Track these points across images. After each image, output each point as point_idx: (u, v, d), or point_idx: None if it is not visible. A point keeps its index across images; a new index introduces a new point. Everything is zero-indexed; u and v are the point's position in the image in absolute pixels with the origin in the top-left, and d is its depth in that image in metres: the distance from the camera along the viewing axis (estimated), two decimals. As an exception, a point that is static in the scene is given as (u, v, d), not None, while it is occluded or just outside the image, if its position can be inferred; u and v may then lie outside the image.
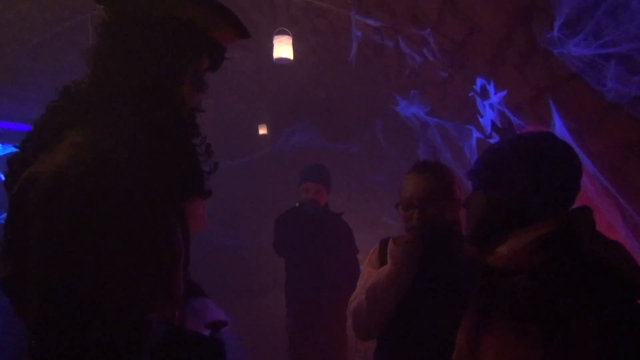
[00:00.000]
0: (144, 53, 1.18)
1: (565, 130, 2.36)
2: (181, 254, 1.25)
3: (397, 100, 5.10)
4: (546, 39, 1.88)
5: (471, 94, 3.24)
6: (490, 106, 3.09)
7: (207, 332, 1.38)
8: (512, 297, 1.13)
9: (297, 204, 3.67)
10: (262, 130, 7.26)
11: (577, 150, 2.36)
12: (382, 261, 1.88)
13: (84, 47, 1.25)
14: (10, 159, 1.17)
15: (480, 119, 3.51)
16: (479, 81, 3.01)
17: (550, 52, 1.93)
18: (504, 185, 1.23)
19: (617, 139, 2.03)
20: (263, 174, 7.11)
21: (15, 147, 1.19)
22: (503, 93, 2.81)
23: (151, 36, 1.18)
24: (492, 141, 3.33)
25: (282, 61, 3.61)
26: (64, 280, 0.98)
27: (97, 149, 1.07)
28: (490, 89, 2.94)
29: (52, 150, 1.09)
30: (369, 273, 1.89)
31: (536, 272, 1.12)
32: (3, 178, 1.22)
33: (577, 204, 1.28)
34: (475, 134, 3.92)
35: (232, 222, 6.96)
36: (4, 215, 1.11)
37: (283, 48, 3.55)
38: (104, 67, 1.20)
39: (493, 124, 3.10)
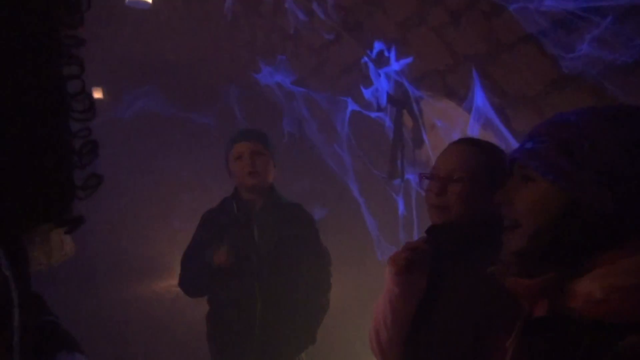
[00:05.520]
0: None
1: (488, 105, 2.12)
2: (9, 302, 0.70)
3: (260, 67, 4.61)
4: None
5: (364, 59, 2.89)
6: (386, 75, 2.78)
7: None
8: None
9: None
10: (97, 94, 6.25)
11: (501, 127, 2.14)
12: None
13: None
14: None
15: (363, 90, 3.19)
16: (377, 46, 2.67)
17: (502, 8, 1.62)
18: (588, 182, 0.78)
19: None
20: (102, 144, 6.12)
21: None
22: (408, 60, 2.50)
23: None
24: (383, 115, 3.03)
25: (137, 5, 2.86)
26: None
27: None
28: (391, 55, 2.61)
29: None
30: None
31: None
32: None
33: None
34: (351, 107, 3.62)
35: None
36: None
37: (139, -12, 2.82)
38: None
39: (389, 95, 2.79)
